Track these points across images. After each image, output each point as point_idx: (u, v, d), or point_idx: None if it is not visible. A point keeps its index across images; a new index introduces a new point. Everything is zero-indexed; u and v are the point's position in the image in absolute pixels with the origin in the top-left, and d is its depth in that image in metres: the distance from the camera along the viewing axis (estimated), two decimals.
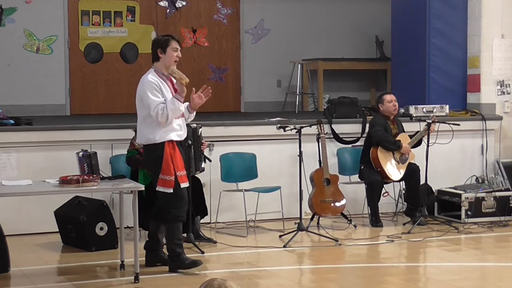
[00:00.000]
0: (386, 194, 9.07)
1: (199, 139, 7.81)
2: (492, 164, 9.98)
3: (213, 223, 8.70)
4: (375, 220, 8.78)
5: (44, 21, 11.62)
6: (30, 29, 11.58)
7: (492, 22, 10.16)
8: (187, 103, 6.78)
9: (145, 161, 7.08)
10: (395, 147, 8.81)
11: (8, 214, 7.87)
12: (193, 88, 6.79)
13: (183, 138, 6.78)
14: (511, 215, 9.07)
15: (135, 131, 7.22)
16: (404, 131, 9.07)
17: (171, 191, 6.56)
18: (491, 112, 10.13)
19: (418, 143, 8.98)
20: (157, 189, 6.60)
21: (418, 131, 9.04)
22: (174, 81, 6.70)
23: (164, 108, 6.49)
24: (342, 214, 8.77)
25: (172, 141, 6.60)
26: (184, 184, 6.65)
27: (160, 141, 6.56)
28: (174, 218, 6.67)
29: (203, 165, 7.91)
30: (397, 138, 8.90)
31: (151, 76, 6.63)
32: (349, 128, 9.54)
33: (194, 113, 6.90)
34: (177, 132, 6.66)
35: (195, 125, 7.77)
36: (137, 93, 6.69)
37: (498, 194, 9.11)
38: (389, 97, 9.06)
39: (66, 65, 11.86)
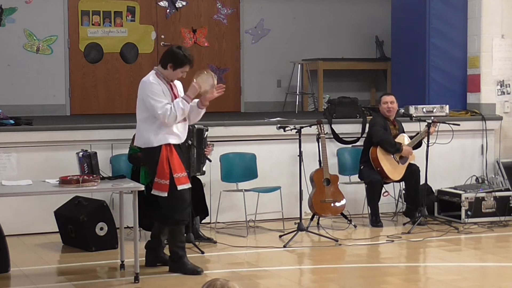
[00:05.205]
0: (386, 193, 9.07)
1: (204, 142, 7.80)
2: (492, 164, 9.98)
3: (213, 223, 8.70)
4: (375, 220, 8.78)
5: (44, 21, 11.62)
6: (30, 29, 11.59)
7: (492, 22, 10.16)
8: (197, 100, 6.78)
9: (144, 163, 7.09)
10: (395, 150, 8.79)
11: (8, 214, 7.87)
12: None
13: (181, 141, 6.76)
14: (511, 215, 9.07)
15: None
16: (404, 132, 9.06)
17: (165, 194, 6.54)
18: (491, 112, 10.13)
19: (419, 145, 8.97)
20: (152, 192, 6.61)
21: (418, 132, 9.03)
22: (177, 85, 6.70)
23: (172, 108, 6.48)
24: (342, 214, 8.77)
25: (169, 144, 6.58)
26: (182, 186, 6.60)
27: (157, 145, 6.54)
28: (177, 221, 6.66)
29: (204, 168, 7.90)
30: (397, 139, 8.89)
31: (152, 78, 6.61)
32: (349, 128, 9.54)
33: (204, 110, 6.82)
34: (176, 135, 6.63)
35: (201, 126, 7.76)
36: (138, 95, 6.66)
37: (498, 194, 9.11)
38: (384, 98, 9.05)
39: (66, 65, 11.86)
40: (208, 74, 6.70)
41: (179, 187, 6.57)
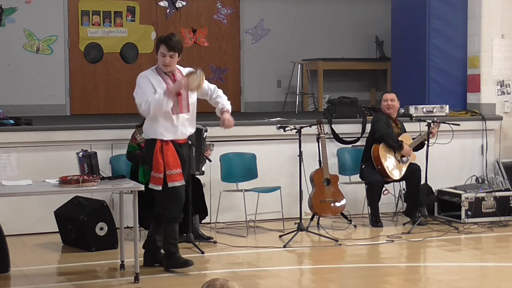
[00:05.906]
0: (386, 192, 9.07)
1: (203, 142, 7.78)
2: (492, 164, 9.98)
3: (213, 223, 8.70)
4: (375, 220, 8.77)
5: (44, 21, 11.62)
6: (30, 29, 11.59)
7: (492, 22, 10.15)
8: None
9: (142, 160, 7.11)
10: (397, 146, 8.80)
11: (8, 214, 7.87)
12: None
13: (183, 137, 6.73)
14: (511, 215, 9.07)
15: (138, 126, 7.25)
16: (406, 132, 9.06)
17: (160, 188, 6.57)
18: (491, 112, 10.13)
19: (421, 146, 8.96)
20: (149, 186, 6.63)
21: (420, 133, 9.03)
22: (178, 80, 6.70)
23: (148, 100, 6.51)
24: (342, 214, 8.77)
25: (165, 140, 6.59)
26: (174, 183, 6.58)
27: (154, 138, 6.57)
28: (167, 219, 6.67)
29: (203, 167, 7.89)
30: (401, 138, 8.89)
31: (144, 72, 6.72)
32: (349, 128, 9.54)
33: (195, 94, 6.79)
34: (174, 132, 6.62)
35: (201, 127, 7.75)
36: None
37: (498, 194, 9.11)
38: (385, 96, 9.08)
39: (66, 65, 11.86)
40: (196, 74, 6.62)
41: (170, 184, 6.56)
